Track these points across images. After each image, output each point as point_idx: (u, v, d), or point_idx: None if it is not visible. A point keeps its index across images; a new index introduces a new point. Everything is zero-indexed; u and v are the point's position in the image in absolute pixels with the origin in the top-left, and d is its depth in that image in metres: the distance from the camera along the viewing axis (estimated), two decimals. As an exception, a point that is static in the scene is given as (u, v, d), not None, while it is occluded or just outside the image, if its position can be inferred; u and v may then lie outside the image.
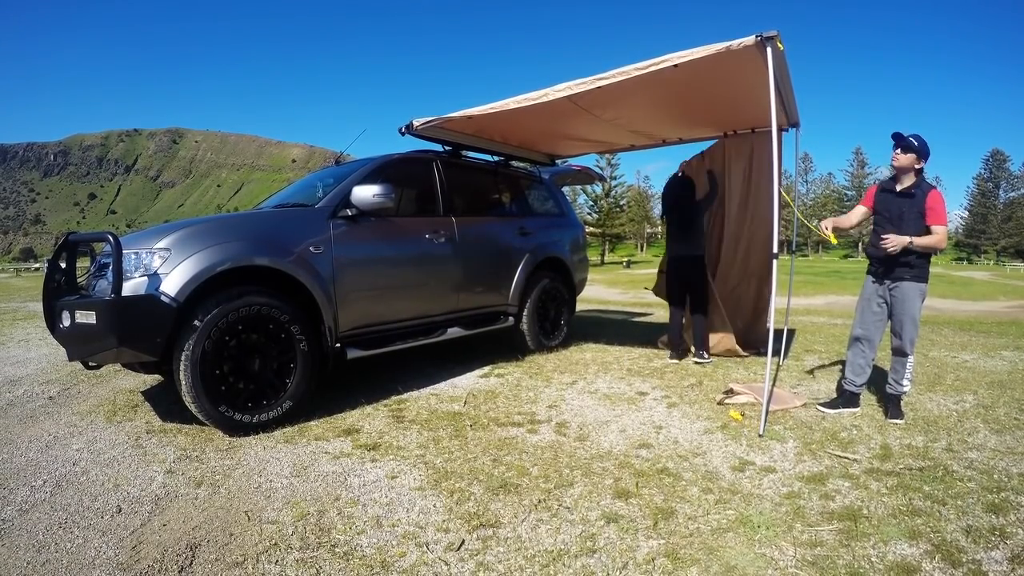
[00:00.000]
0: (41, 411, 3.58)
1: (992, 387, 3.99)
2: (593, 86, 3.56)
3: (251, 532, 2.08)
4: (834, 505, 2.25)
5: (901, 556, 1.90)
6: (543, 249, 5.30)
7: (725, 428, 3.15)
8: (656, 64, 3.30)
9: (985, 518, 2.13)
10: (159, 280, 2.85)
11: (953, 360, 4.96)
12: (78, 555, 1.95)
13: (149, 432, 3.14)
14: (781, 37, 3.09)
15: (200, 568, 1.88)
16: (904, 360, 3.31)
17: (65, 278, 3.25)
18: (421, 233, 4.20)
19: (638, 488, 2.41)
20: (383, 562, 1.90)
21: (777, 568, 1.84)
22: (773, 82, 3.11)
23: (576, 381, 4.22)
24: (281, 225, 3.50)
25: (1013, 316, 9.61)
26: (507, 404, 3.66)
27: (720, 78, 3.75)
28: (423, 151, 4.65)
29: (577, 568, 1.86)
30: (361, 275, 3.70)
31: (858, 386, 3.44)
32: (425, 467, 2.65)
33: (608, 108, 4.51)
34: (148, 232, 3.18)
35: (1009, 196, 77.09)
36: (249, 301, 3.06)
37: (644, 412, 3.48)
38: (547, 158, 6.08)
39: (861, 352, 3.43)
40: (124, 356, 2.89)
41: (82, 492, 2.42)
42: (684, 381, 4.20)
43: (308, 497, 2.35)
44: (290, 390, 3.23)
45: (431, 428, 3.19)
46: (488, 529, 2.10)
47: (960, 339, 6.11)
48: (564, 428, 3.19)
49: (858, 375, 3.44)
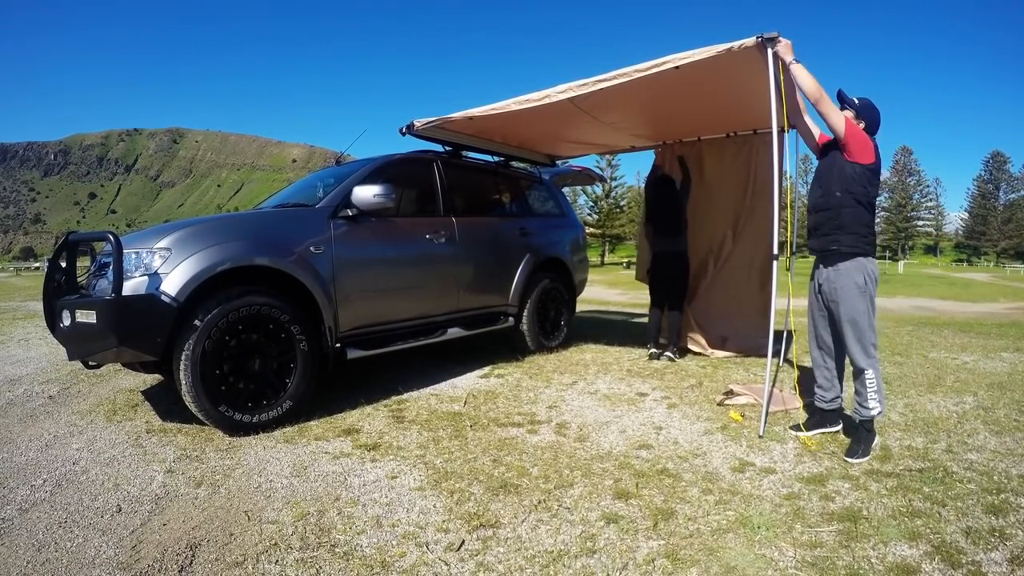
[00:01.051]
0: (41, 410, 3.58)
1: (992, 388, 3.99)
2: (594, 88, 3.56)
3: (251, 532, 2.08)
4: (834, 506, 2.25)
5: (901, 557, 1.90)
6: (543, 250, 5.31)
7: (725, 429, 3.15)
8: (657, 66, 3.30)
9: (985, 519, 2.13)
10: (159, 280, 2.85)
11: (953, 361, 4.96)
12: (78, 554, 1.95)
13: (149, 432, 3.14)
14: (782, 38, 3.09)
15: (200, 568, 1.88)
16: (862, 377, 2.72)
17: (65, 277, 3.25)
18: (421, 233, 4.20)
19: (638, 489, 2.41)
20: (383, 562, 1.90)
21: (777, 569, 1.84)
22: (774, 83, 3.11)
23: (576, 382, 4.23)
24: (282, 225, 3.50)
25: (1013, 318, 9.61)
26: (507, 404, 3.66)
27: (721, 80, 3.75)
28: (424, 151, 4.65)
29: (577, 568, 1.86)
30: (361, 275, 3.70)
31: (829, 401, 3.00)
32: (425, 467, 2.65)
33: (609, 110, 4.51)
34: (148, 232, 3.18)
35: (1009, 198, 77.17)
36: (249, 301, 3.06)
37: (644, 413, 3.48)
38: (547, 159, 6.08)
39: (820, 362, 2.99)
40: (124, 356, 2.89)
41: (82, 491, 2.42)
42: (684, 382, 4.20)
43: (308, 497, 2.35)
44: (290, 390, 3.23)
45: (431, 428, 3.19)
46: (488, 529, 2.10)
47: (960, 340, 6.11)
48: (564, 429, 3.19)
49: (826, 388, 2.99)
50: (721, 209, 5.39)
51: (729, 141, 5.35)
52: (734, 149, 5.31)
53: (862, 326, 2.72)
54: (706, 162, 5.48)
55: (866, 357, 2.73)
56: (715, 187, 5.42)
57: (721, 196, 5.39)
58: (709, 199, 5.45)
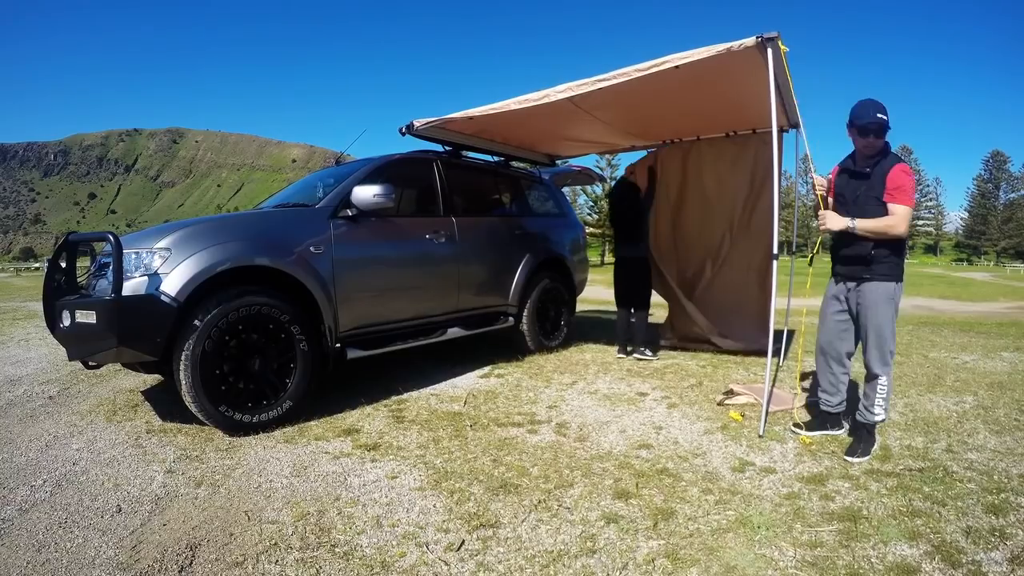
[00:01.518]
0: (41, 411, 3.58)
1: (992, 388, 3.99)
2: (594, 87, 3.56)
3: (251, 532, 2.08)
4: (834, 506, 2.25)
5: (901, 557, 1.90)
6: (543, 249, 5.30)
7: (725, 429, 3.15)
8: (657, 65, 3.30)
9: (985, 519, 2.13)
10: (159, 280, 2.85)
11: (953, 361, 4.97)
12: (78, 555, 1.95)
13: (149, 432, 3.14)
14: (782, 38, 3.09)
15: (200, 568, 1.88)
16: (874, 383, 2.75)
17: (65, 278, 3.25)
18: (421, 233, 4.20)
19: (638, 489, 2.41)
20: (383, 562, 1.90)
21: (777, 568, 1.84)
22: (773, 83, 3.11)
23: (576, 381, 4.22)
24: (281, 225, 3.50)
25: (1013, 317, 9.61)
26: (507, 404, 3.66)
27: (721, 79, 3.75)
28: (423, 151, 4.65)
29: (577, 568, 1.86)
30: (361, 275, 3.70)
31: (835, 405, 2.98)
32: (425, 467, 2.65)
33: (609, 109, 4.51)
34: (148, 232, 3.18)
35: (1009, 197, 77.19)
36: (249, 301, 3.06)
37: (644, 413, 3.48)
38: (547, 158, 6.08)
39: (827, 366, 2.96)
40: (124, 356, 2.88)
41: (82, 492, 2.42)
42: (684, 382, 4.20)
43: (308, 497, 2.35)
44: (290, 390, 3.23)
45: (431, 428, 3.19)
46: (488, 529, 2.10)
47: (960, 340, 6.11)
48: (564, 428, 3.19)
49: (832, 393, 2.98)
50: (722, 208, 5.39)
51: (729, 141, 5.35)
52: (735, 149, 5.31)
53: (885, 334, 2.72)
54: (706, 161, 5.48)
55: (883, 364, 2.74)
56: (715, 187, 5.42)
57: (722, 196, 5.39)
58: (709, 198, 5.45)
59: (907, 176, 2.63)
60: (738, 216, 5.32)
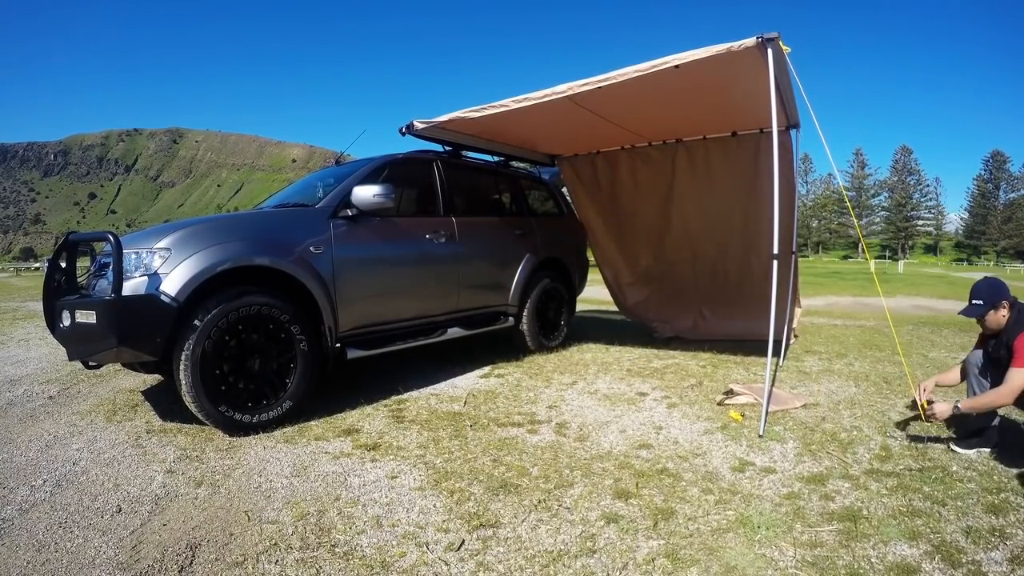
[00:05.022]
0: (41, 411, 3.58)
1: (992, 388, 3.99)
2: (594, 87, 3.56)
3: (251, 532, 2.08)
4: (834, 506, 2.25)
5: (901, 557, 1.90)
6: (543, 249, 5.30)
7: (725, 429, 3.15)
8: (657, 65, 3.30)
9: (985, 519, 2.14)
10: (159, 280, 2.85)
11: (953, 361, 4.95)
12: (78, 555, 1.95)
13: (149, 432, 3.14)
14: (783, 39, 3.09)
15: (200, 568, 1.88)
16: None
17: (65, 278, 3.25)
18: (421, 233, 4.20)
19: (638, 488, 2.41)
20: (383, 562, 1.90)
21: (777, 568, 1.84)
22: (774, 83, 3.11)
23: (576, 381, 4.22)
24: (281, 225, 3.50)
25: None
26: (507, 404, 3.65)
27: (721, 79, 3.75)
28: (423, 151, 4.65)
29: (577, 568, 1.86)
30: (361, 275, 3.70)
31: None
32: (425, 467, 2.65)
33: (609, 109, 4.51)
34: (148, 232, 3.18)
35: (1009, 197, 77.17)
36: (249, 301, 3.06)
37: (644, 412, 3.48)
38: (547, 158, 6.08)
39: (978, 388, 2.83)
40: (124, 356, 2.89)
41: (82, 492, 2.42)
42: (684, 382, 4.20)
43: (308, 497, 2.35)
44: (290, 390, 3.23)
45: (431, 428, 3.19)
46: (488, 529, 2.10)
47: (960, 340, 6.10)
48: (564, 428, 3.19)
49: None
50: (722, 208, 5.40)
51: (730, 140, 5.35)
52: (735, 148, 5.31)
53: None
54: (707, 160, 5.49)
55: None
56: (716, 185, 5.42)
57: (722, 195, 5.39)
58: (709, 198, 5.45)
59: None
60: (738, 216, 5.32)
